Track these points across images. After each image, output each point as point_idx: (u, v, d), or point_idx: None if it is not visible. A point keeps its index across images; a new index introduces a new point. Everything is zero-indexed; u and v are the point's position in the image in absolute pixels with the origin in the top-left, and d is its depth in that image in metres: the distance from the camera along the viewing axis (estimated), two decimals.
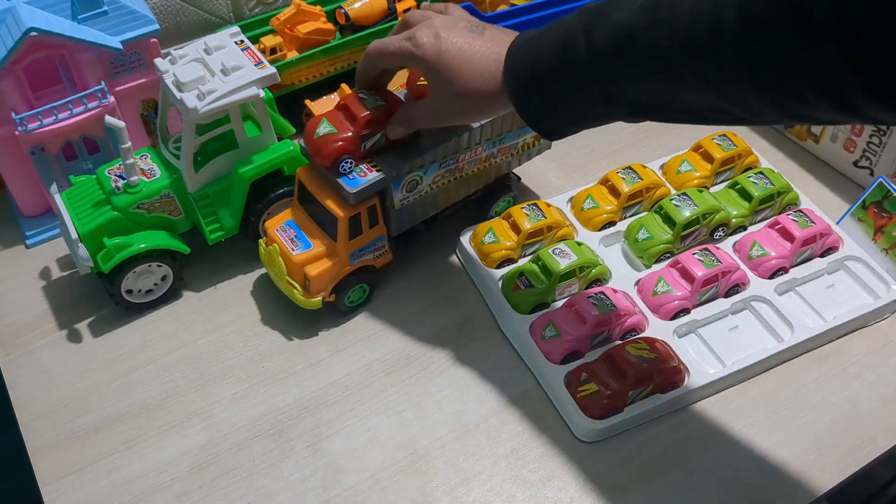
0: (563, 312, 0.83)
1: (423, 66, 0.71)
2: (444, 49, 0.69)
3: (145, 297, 0.89)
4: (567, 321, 0.82)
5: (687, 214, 0.90)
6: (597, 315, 0.81)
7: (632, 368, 0.77)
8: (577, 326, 0.82)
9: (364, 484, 0.75)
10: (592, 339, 0.82)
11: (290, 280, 0.83)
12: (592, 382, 0.78)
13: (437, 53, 0.69)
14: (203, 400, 0.82)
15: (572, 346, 0.81)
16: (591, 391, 0.78)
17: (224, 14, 1.07)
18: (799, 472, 0.76)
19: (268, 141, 0.88)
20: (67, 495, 0.75)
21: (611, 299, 0.83)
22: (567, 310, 0.84)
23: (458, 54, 0.69)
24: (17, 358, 0.86)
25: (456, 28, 0.70)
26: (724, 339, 0.85)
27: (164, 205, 0.87)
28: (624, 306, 0.83)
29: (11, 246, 0.97)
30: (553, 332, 0.82)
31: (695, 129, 1.09)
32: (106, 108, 0.90)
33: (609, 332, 0.83)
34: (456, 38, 0.69)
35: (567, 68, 0.63)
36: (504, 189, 0.96)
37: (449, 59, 0.69)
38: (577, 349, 0.82)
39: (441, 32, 0.70)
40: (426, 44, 0.70)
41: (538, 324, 0.84)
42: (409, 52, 0.71)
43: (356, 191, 0.79)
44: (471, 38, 0.69)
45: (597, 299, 0.83)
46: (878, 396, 0.81)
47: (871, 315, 0.86)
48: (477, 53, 0.68)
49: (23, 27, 0.82)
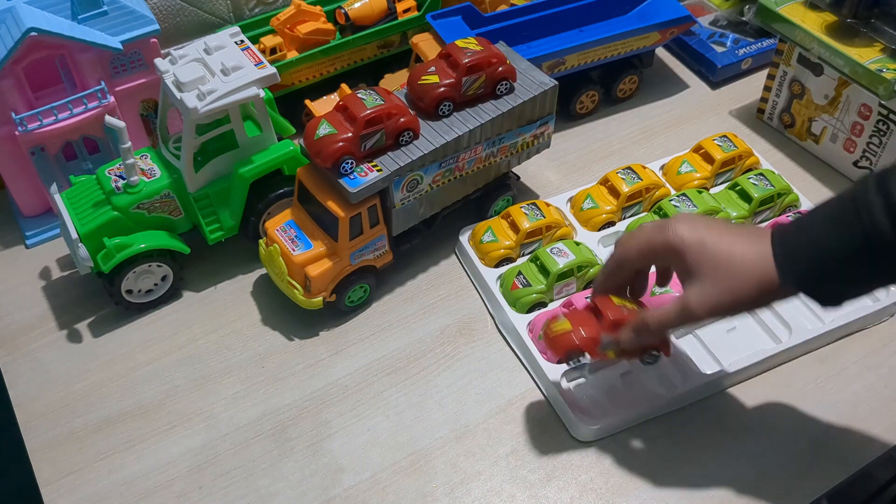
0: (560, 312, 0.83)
1: (680, 257, 0.65)
2: (703, 238, 0.64)
3: (145, 297, 0.89)
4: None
5: None
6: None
7: (610, 311, 0.71)
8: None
9: (364, 484, 0.75)
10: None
11: (290, 280, 0.83)
12: (567, 321, 0.73)
13: (696, 241, 0.64)
14: (203, 400, 0.82)
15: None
16: (561, 329, 0.73)
17: (224, 14, 1.07)
18: (799, 472, 0.76)
19: (268, 141, 0.88)
20: (67, 495, 0.75)
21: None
22: (564, 309, 0.83)
23: (719, 244, 0.64)
24: (17, 358, 0.86)
25: (712, 221, 0.67)
26: (722, 340, 0.85)
27: (164, 205, 0.87)
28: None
29: (11, 246, 0.97)
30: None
31: (695, 129, 1.09)
32: (106, 108, 0.90)
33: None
34: (714, 224, 0.66)
35: (870, 248, 0.58)
36: (503, 188, 0.96)
37: (712, 248, 0.64)
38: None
39: (696, 221, 0.66)
40: (684, 232, 0.65)
41: (536, 323, 0.84)
42: (664, 242, 0.66)
43: (357, 191, 0.79)
44: (732, 231, 0.65)
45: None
46: (878, 396, 0.81)
47: (871, 318, 0.86)
48: (742, 246, 0.63)
49: (23, 27, 0.82)
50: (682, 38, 1.18)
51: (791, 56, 1.03)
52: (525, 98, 0.88)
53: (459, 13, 1.05)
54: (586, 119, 1.12)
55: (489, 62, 0.85)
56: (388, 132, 0.81)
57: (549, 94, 0.90)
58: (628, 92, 1.13)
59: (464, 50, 0.86)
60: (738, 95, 1.15)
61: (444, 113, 0.86)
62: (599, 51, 1.05)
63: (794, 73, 1.04)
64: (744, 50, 1.17)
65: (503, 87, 0.87)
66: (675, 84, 1.17)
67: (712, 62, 1.15)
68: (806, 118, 1.05)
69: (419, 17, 1.07)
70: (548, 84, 0.89)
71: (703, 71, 1.18)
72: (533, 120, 0.91)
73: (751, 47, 1.17)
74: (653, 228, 0.68)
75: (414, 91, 0.86)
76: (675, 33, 1.09)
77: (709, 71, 1.17)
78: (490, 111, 0.86)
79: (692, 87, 1.17)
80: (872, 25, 0.96)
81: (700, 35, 1.19)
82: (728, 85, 1.17)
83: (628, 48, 1.07)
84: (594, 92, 1.10)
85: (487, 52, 0.86)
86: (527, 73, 0.90)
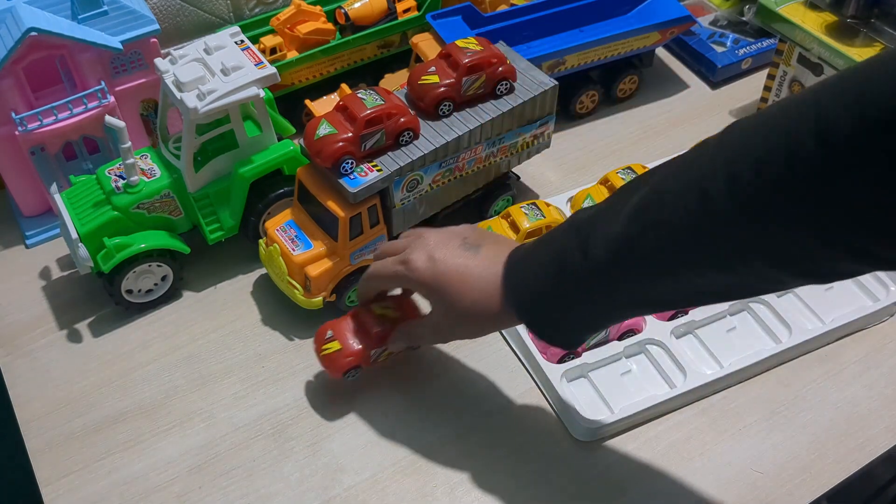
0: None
1: (420, 289, 0.70)
2: (439, 271, 0.67)
3: (145, 297, 0.89)
4: None
5: None
6: None
7: (372, 329, 0.77)
8: None
9: (364, 484, 0.76)
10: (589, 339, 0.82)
11: (290, 280, 0.83)
12: (336, 341, 0.78)
13: (432, 276, 0.67)
14: (203, 400, 0.82)
15: None
16: (333, 349, 0.78)
17: (224, 14, 1.07)
18: (799, 472, 0.76)
19: (268, 141, 0.88)
20: (67, 495, 0.75)
21: None
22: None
23: (454, 276, 0.66)
24: (17, 358, 0.86)
25: (450, 247, 0.68)
26: (722, 341, 0.85)
27: (164, 205, 0.87)
28: None
29: (11, 246, 0.97)
30: None
31: (696, 129, 1.09)
32: (106, 108, 0.90)
33: (607, 333, 0.83)
34: (451, 258, 0.67)
35: (569, 286, 0.61)
36: (503, 188, 0.96)
37: (445, 280, 0.67)
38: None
39: (435, 254, 0.68)
40: (420, 267, 0.68)
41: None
42: (405, 276, 0.69)
43: (357, 191, 0.79)
44: (466, 258, 0.67)
45: None
46: (878, 396, 0.81)
47: (870, 318, 0.86)
48: (474, 274, 0.66)
49: (23, 27, 0.82)
50: (682, 38, 1.18)
51: (791, 56, 1.03)
52: (525, 98, 0.88)
53: (459, 13, 1.05)
54: (586, 119, 1.12)
55: (489, 62, 0.85)
56: (389, 132, 0.81)
57: (549, 94, 0.90)
58: (628, 92, 1.13)
59: (464, 50, 0.86)
60: (738, 95, 1.15)
61: (444, 113, 0.86)
62: (599, 51, 1.05)
63: (794, 73, 1.04)
64: (744, 50, 1.17)
65: (503, 87, 0.87)
66: (675, 84, 1.17)
67: (712, 62, 1.15)
68: None
69: (419, 17, 1.07)
70: (548, 84, 0.89)
71: (703, 71, 1.18)
72: (533, 120, 0.91)
73: (751, 47, 1.17)
74: (396, 262, 0.71)
75: (414, 91, 0.86)
76: (675, 33, 1.09)
77: (709, 71, 1.17)
78: (490, 111, 0.86)
79: (692, 87, 1.17)
80: (872, 25, 0.96)
81: (700, 35, 1.19)
82: (728, 85, 1.17)
83: (628, 48, 1.07)
84: (594, 92, 1.10)
85: (487, 52, 0.86)
86: (527, 73, 0.90)
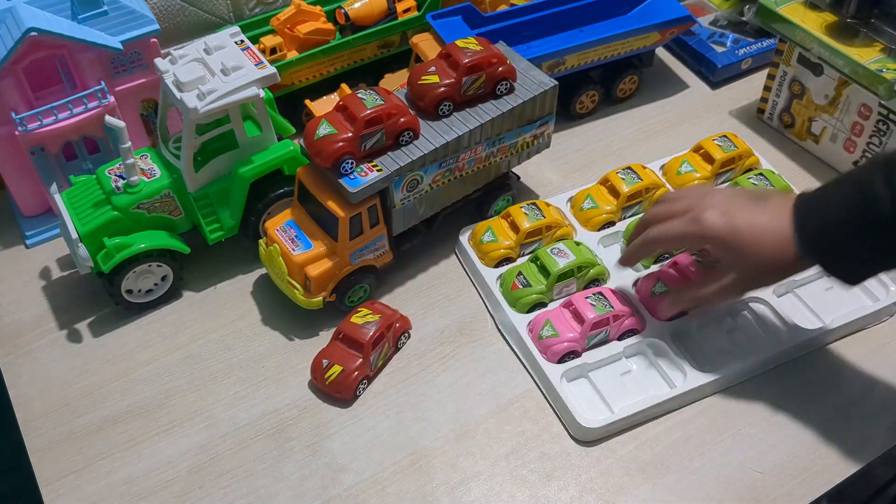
0: (560, 312, 0.83)
1: (716, 244, 0.72)
2: (735, 225, 0.71)
3: (145, 297, 0.89)
4: (565, 321, 0.82)
5: None
6: (594, 315, 0.81)
7: (364, 336, 0.80)
8: (574, 326, 0.82)
9: (364, 484, 0.75)
10: (590, 339, 0.82)
11: (290, 280, 0.83)
12: (335, 365, 0.80)
13: (729, 231, 0.71)
14: (203, 400, 0.82)
15: (569, 346, 0.81)
16: (336, 373, 0.80)
17: (224, 14, 1.07)
18: (799, 472, 0.76)
19: (268, 141, 0.88)
20: (67, 495, 0.75)
21: (609, 299, 0.83)
22: (565, 309, 0.84)
23: (747, 231, 0.70)
24: (17, 358, 0.86)
25: (738, 202, 0.72)
26: (722, 341, 0.85)
27: (165, 205, 0.87)
28: (621, 307, 0.83)
29: (11, 246, 0.97)
30: (551, 331, 0.82)
31: (695, 129, 1.09)
32: (106, 108, 0.90)
33: (607, 333, 0.83)
34: (743, 212, 0.71)
35: (873, 222, 0.64)
36: (503, 188, 0.96)
37: (740, 235, 0.70)
38: (574, 349, 0.82)
39: (729, 209, 0.71)
40: (717, 223, 0.71)
41: (536, 323, 0.84)
42: (699, 234, 0.73)
43: (357, 191, 0.79)
44: (757, 211, 0.70)
45: (595, 299, 0.83)
46: (878, 396, 0.81)
47: (870, 318, 0.86)
48: (768, 227, 0.69)
49: (23, 27, 0.82)
50: (682, 38, 1.18)
51: (791, 56, 1.03)
52: (525, 98, 0.88)
53: (459, 13, 1.05)
54: (586, 119, 1.12)
55: (489, 62, 0.85)
56: (388, 132, 0.81)
57: (548, 94, 0.90)
58: (628, 92, 1.13)
59: (464, 50, 0.86)
60: (738, 95, 1.15)
61: (444, 113, 0.86)
62: (599, 51, 1.05)
63: (794, 73, 1.04)
64: (744, 50, 1.17)
65: (503, 87, 0.87)
66: (675, 84, 1.17)
67: (712, 62, 1.15)
68: (806, 118, 1.05)
69: (419, 17, 1.07)
70: (548, 84, 0.89)
71: (703, 71, 1.18)
72: (533, 120, 0.91)
73: (751, 47, 1.17)
74: (687, 222, 0.74)
75: (414, 91, 0.86)
76: (675, 33, 1.09)
77: (709, 71, 1.17)
78: (490, 111, 0.86)
79: (692, 87, 1.17)
80: (872, 25, 0.96)
81: (700, 35, 1.19)
82: (728, 85, 1.17)
83: (628, 48, 1.07)
84: (594, 92, 1.10)
85: (487, 52, 0.86)
86: (527, 73, 0.90)
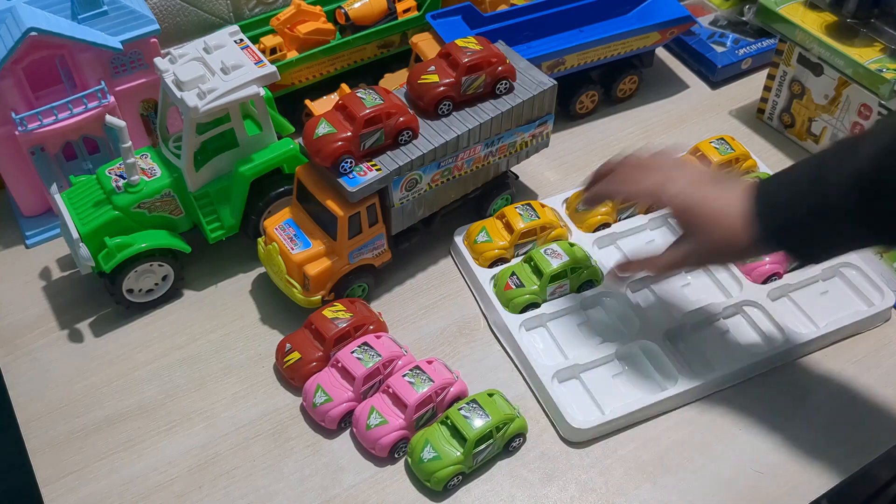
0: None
1: (676, 217, 0.74)
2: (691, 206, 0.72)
3: (146, 296, 0.89)
4: (385, 404, 0.77)
5: None
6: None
7: (329, 331, 0.80)
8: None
9: (364, 484, 0.75)
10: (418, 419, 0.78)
11: (289, 279, 0.83)
12: (295, 351, 0.81)
13: (686, 209, 0.72)
14: (203, 400, 0.82)
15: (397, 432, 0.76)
16: (294, 360, 0.80)
17: (224, 14, 1.07)
18: (799, 472, 0.76)
19: (268, 139, 0.88)
20: (67, 495, 0.75)
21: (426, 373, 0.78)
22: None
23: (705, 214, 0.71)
24: (17, 358, 0.86)
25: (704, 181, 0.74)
26: (720, 341, 0.85)
27: (165, 204, 0.87)
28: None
29: (11, 246, 0.97)
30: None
31: (695, 129, 1.09)
32: (106, 108, 0.90)
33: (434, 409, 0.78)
34: (704, 192, 0.72)
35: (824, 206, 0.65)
36: (502, 187, 0.96)
37: (695, 216, 0.72)
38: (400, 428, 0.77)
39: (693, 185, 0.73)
40: (676, 198, 0.73)
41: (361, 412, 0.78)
42: (658, 200, 0.76)
43: (356, 190, 0.79)
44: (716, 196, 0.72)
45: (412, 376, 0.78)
46: (878, 397, 0.81)
47: (865, 322, 0.86)
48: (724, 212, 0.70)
49: (23, 27, 0.82)
50: (682, 38, 1.18)
51: (791, 56, 1.03)
52: (524, 98, 0.88)
53: (459, 13, 1.05)
54: (586, 119, 1.12)
55: (489, 62, 0.85)
56: (388, 131, 0.81)
57: (548, 93, 0.90)
58: (628, 92, 1.13)
59: (463, 49, 0.86)
60: (737, 95, 1.15)
61: (443, 112, 0.86)
62: (599, 51, 1.05)
63: (794, 73, 1.04)
64: (744, 50, 1.17)
65: (503, 86, 0.87)
66: (675, 84, 1.17)
67: (712, 62, 1.15)
68: (806, 118, 1.05)
69: (419, 17, 1.07)
70: (547, 84, 0.89)
71: (703, 71, 1.18)
72: (532, 119, 0.91)
73: (751, 47, 1.17)
74: (655, 185, 0.75)
75: (413, 90, 0.86)
76: (675, 33, 1.09)
77: (709, 71, 1.17)
78: (489, 111, 0.86)
79: (692, 87, 1.17)
80: (872, 25, 0.96)
81: (700, 35, 1.19)
82: (728, 85, 1.17)
83: (628, 48, 1.07)
84: (594, 92, 1.10)
85: (487, 51, 0.86)
86: (526, 73, 0.90)
